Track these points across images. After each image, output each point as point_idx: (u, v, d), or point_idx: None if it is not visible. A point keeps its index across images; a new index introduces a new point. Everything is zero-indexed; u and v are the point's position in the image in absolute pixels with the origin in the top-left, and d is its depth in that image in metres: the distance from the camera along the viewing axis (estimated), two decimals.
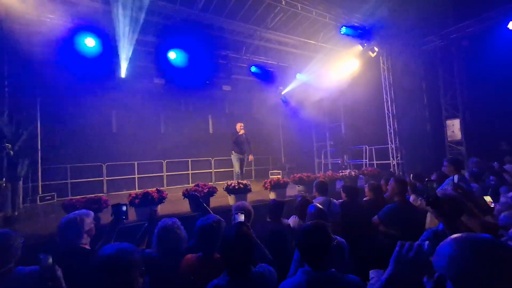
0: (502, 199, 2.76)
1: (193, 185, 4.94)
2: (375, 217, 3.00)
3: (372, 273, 1.77)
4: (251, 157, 7.76)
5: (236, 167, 7.51)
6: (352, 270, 2.14)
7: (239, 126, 7.63)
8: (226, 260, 1.55)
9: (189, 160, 10.72)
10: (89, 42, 6.54)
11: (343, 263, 1.91)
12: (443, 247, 0.81)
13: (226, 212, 2.83)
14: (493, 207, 2.62)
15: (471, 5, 7.74)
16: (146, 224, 2.49)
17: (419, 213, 3.48)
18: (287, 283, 1.50)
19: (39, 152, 7.79)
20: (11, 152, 4.57)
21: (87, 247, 2.10)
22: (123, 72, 7.96)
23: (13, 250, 1.71)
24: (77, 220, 2.07)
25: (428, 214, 3.43)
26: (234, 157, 7.53)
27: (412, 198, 3.38)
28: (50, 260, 1.47)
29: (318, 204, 2.42)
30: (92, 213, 2.27)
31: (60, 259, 1.96)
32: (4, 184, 4.63)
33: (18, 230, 4.01)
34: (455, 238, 0.81)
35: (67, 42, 6.56)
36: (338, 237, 2.07)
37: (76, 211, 2.20)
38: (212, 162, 11.23)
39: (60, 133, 8.07)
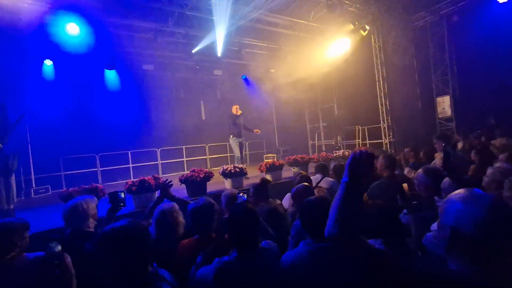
0: (488, 170, 2.86)
1: (189, 171, 4.96)
2: (365, 194, 3.09)
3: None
4: (258, 131, 7.72)
5: (237, 151, 7.18)
6: None
7: (235, 108, 7.27)
8: (235, 238, 1.59)
9: (183, 147, 10.68)
10: (73, 29, 6.26)
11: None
12: (452, 203, 0.86)
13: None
14: None
15: None
16: (158, 196, 2.63)
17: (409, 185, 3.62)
18: (290, 255, 1.56)
19: (29, 145, 7.64)
20: (0, 146, 4.47)
21: (92, 230, 2.14)
22: None
23: (17, 238, 1.72)
24: (83, 205, 2.10)
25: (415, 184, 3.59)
26: (233, 141, 7.18)
27: (406, 170, 3.49)
28: (59, 247, 1.49)
29: (305, 183, 2.49)
30: (95, 198, 2.29)
31: (67, 243, 1.99)
32: None
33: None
34: (463, 194, 0.86)
35: (51, 30, 6.28)
36: None
37: (81, 196, 2.21)
38: (207, 148, 11.22)
39: (49, 125, 7.89)
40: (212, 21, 7.94)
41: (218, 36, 8.02)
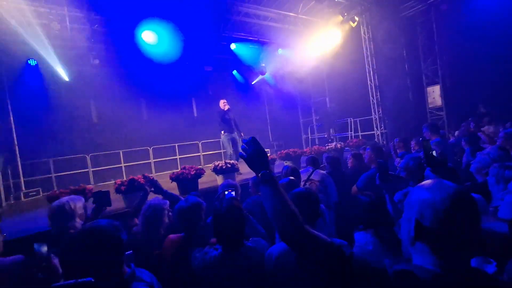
0: (478, 156, 2.88)
1: (181, 168, 4.91)
2: (354, 186, 3.11)
3: (357, 235, 1.85)
4: (242, 134, 7.10)
5: (228, 148, 6.85)
6: (334, 233, 2.22)
7: (222, 103, 6.94)
8: (218, 234, 1.57)
9: (176, 145, 10.59)
10: (54, 26, 6.10)
11: (325, 226, 1.99)
12: (417, 194, 0.83)
13: (216, 193, 2.84)
14: None
15: None
16: (141, 194, 2.65)
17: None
18: (275, 248, 1.54)
19: (17, 147, 7.48)
20: None
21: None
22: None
23: None
24: (70, 205, 2.06)
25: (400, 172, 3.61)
26: (224, 138, 6.87)
27: (397, 161, 3.51)
28: (45, 248, 1.45)
29: (291, 177, 2.46)
30: (82, 198, 2.24)
31: (52, 244, 1.94)
32: None
33: (2, 227, 3.93)
34: (429, 185, 0.83)
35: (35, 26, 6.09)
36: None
37: (68, 196, 2.16)
38: (200, 145, 11.15)
39: (37, 126, 7.73)
40: None
41: None
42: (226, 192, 2.26)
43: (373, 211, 1.78)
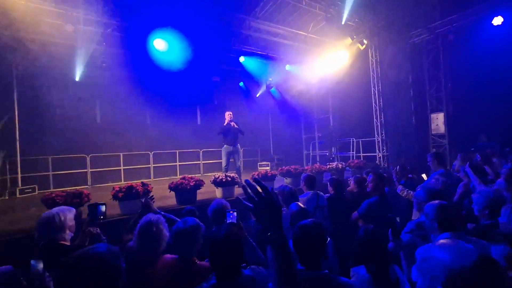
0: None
1: (180, 177, 4.86)
2: (355, 212, 3.06)
3: (353, 271, 1.80)
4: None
5: (224, 161, 6.68)
6: (334, 266, 2.17)
7: (227, 115, 6.79)
8: (213, 263, 1.50)
9: (177, 151, 10.58)
10: (68, 28, 6.20)
11: (327, 260, 1.93)
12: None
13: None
14: None
15: None
16: (139, 211, 2.53)
17: (402, 205, 3.58)
18: None
19: (18, 142, 7.47)
20: None
21: (67, 243, 2.04)
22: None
23: None
24: (60, 217, 2.01)
25: (414, 203, 3.54)
26: (223, 150, 6.73)
27: (399, 189, 3.46)
28: (41, 266, 1.40)
29: (299, 204, 2.41)
30: (73, 209, 2.20)
31: (39, 256, 1.89)
32: None
33: None
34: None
35: (45, 26, 6.19)
36: None
37: (58, 207, 2.12)
38: (200, 153, 11.13)
39: (40, 123, 7.73)
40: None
41: None
42: (230, 213, 2.18)
43: (370, 246, 1.73)
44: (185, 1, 6.75)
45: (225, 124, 6.65)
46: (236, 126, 6.67)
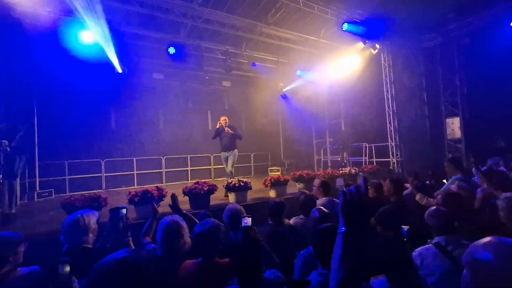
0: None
1: (193, 182, 4.90)
2: (373, 218, 2.99)
3: (373, 283, 1.75)
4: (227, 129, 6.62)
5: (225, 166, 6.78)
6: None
7: (222, 120, 6.70)
8: (235, 267, 1.51)
9: (188, 156, 10.68)
10: (86, 37, 6.40)
11: None
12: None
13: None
14: None
15: (473, 1, 7.67)
16: (150, 219, 2.57)
17: (419, 211, 3.48)
18: None
19: (36, 148, 7.71)
20: (8, 149, 4.49)
21: (90, 246, 2.08)
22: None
23: (10, 253, 1.67)
24: (84, 220, 2.04)
25: None
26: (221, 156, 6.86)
27: (417, 197, 3.36)
28: (67, 269, 1.43)
29: (322, 208, 2.38)
30: (97, 213, 2.23)
31: (64, 258, 1.92)
32: (1, 181, 4.57)
33: (16, 228, 3.97)
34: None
35: (64, 36, 6.42)
36: None
37: (82, 210, 2.15)
38: (212, 158, 11.19)
39: (57, 129, 7.97)
40: (223, 34, 8.11)
41: None
42: (245, 220, 2.18)
43: (389, 254, 1.68)
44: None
45: (217, 127, 6.66)
46: (230, 131, 6.59)
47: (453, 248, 1.83)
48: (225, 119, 6.66)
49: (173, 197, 2.76)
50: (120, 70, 7.83)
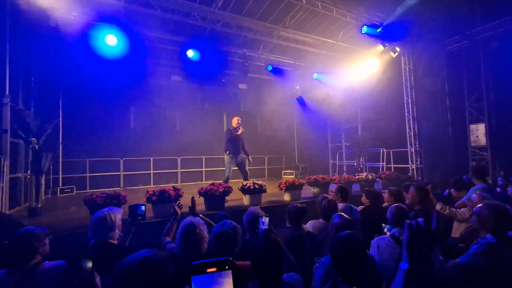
0: None
1: (209, 183, 4.95)
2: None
3: None
4: (250, 159, 6.46)
5: (227, 171, 6.15)
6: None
7: (236, 121, 6.39)
8: (256, 270, 1.51)
9: (203, 157, 10.81)
10: (111, 40, 6.65)
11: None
12: None
13: (242, 211, 2.77)
14: None
15: (501, 3, 7.34)
16: (172, 219, 2.58)
17: (442, 221, 3.35)
18: None
19: (61, 146, 8.07)
20: (36, 146, 4.73)
21: (115, 242, 2.16)
22: None
23: (38, 247, 1.75)
24: (111, 216, 2.13)
25: (454, 223, 3.30)
26: (227, 159, 6.18)
27: (438, 206, 3.23)
28: (90, 264, 1.48)
29: (343, 214, 2.35)
30: (121, 210, 2.31)
31: (89, 253, 1.99)
32: (29, 177, 4.81)
33: (41, 222, 4.16)
34: None
35: (90, 40, 6.70)
36: None
37: (108, 207, 2.24)
38: None
39: (80, 128, 8.33)
40: (241, 37, 8.19)
41: None
42: (262, 220, 2.18)
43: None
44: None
45: (235, 127, 6.29)
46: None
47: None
48: (239, 120, 6.45)
49: (193, 201, 2.81)
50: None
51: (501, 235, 1.76)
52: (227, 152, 6.16)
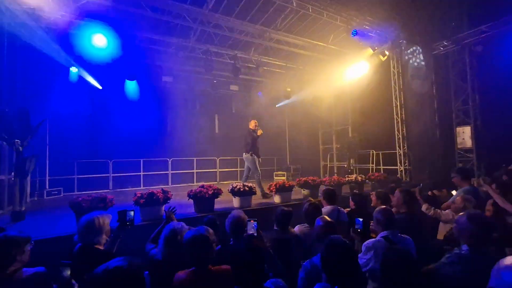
0: None
1: (199, 185, 4.92)
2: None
3: None
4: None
5: (258, 169, 6.54)
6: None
7: (254, 124, 6.69)
8: (236, 276, 1.50)
9: (194, 159, 10.74)
10: (100, 41, 6.55)
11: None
12: None
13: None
14: None
15: (487, 9, 7.55)
16: (161, 225, 2.53)
17: (429, 223, 3.41)
18: None
19: (47, 147, 7.89)
20: (20, 148, 4.61)
21: (101, 247, 2.12)
22: None
23: (16, 254, 1.70)
24: (99, 221, 2.09)
25: (440, 224, 3.36)
26: (253, 159, 6.50)
27: (424, 207, 3.29)
28: (68, 273, 1.46)
29: (326, 217, 2.36)
30: (110, 215, 2.28)
31: (75, 259, 1.95)
32: (13, 179, 4.68)
33: (24, 226, 4.06)
34: None
35: (76, 39, 6.61)
36: None
37: (97, 211, 2.20)
38: (217, 161, 11.23)
39: (68, 129, 8.16)
40: (232, 38, 8.19)
41: None
42: (251, 223, 2.15)
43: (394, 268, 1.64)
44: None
45: (255, 129, 6.66)
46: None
47: (393, 238, 2.22)
48: (257, 123, 6.75)
49: (169, 215, 2.74)
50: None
51: (475, 247, 1.77)
52: (251, 153, 6.46)
